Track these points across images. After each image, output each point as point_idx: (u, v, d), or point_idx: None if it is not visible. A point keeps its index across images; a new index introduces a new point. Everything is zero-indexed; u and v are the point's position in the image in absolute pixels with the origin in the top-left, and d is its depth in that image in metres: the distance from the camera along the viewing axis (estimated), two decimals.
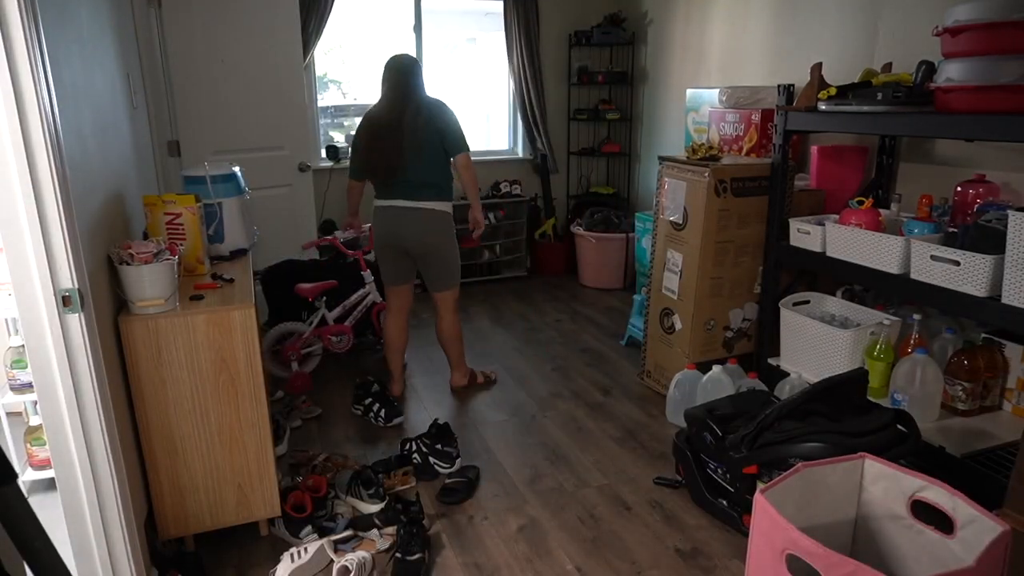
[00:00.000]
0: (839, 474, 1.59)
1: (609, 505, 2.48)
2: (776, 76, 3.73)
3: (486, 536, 2.32)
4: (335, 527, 2.31)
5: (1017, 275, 1.97)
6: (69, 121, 1.75)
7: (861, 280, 2.55)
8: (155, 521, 2.14)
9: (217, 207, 2.53)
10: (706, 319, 3.15)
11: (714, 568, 2.15)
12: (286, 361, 3.46)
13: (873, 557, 1.60)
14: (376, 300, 3.67)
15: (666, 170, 3.23)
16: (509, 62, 5.25)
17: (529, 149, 5.52)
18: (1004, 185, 2.54)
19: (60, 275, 1.59)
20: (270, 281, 3.69)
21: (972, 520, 1.40)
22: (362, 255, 3.64)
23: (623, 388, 3.46)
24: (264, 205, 3.85)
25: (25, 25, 1.44)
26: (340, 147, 4.94)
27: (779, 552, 1.36)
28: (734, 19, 4.13)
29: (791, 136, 2.85)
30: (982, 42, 2.07)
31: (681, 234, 3.14)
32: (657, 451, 2.84)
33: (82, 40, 2.03)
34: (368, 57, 5.67)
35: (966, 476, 2.13)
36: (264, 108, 3.93)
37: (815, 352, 2.73)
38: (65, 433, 1.69)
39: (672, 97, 4.86)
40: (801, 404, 2.17)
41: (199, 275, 2.35)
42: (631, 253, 4.92)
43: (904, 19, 3.00)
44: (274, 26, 3.86)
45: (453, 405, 3.28)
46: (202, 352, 2.03)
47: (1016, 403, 2.44)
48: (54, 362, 1.63)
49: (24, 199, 1.52)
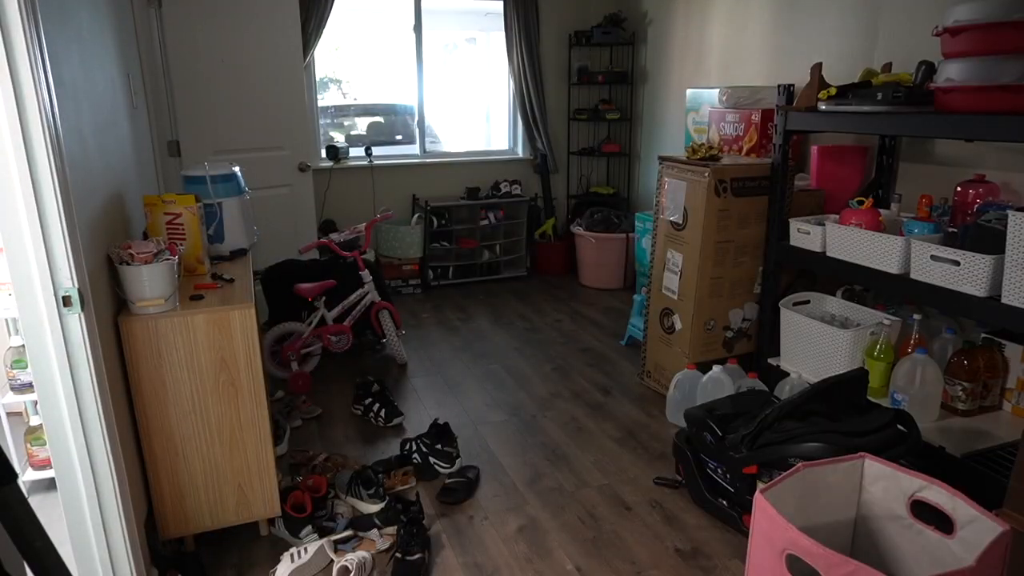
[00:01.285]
0: (839, 474, 1.59)
1: (609, 505, 2.48)
2: (776, 76, 3.73)
3: (486, 536, 2.32)
4: (335, 527, 2.31)
5: (1017, 275, 1.97)
6: (69, 120, 1.74)
7: (861, 280, 2.55)
8: (155, 521, 2.14)
9: (217, 207, 2.53)
10: (706, 319, 3.15)
11: (714, 568, 2.15)
12: (286, 361, 3.46)
13: (873, 557, 1.60)
14: (375, 300, 3.67)
15: (666, 170, 3.23)
16: (509, 62, 5.25)
17: (529, 149, 5.52)
18: (1004, 185, 2.54)
19: (60, 275, 1.59)
20: (270, 281, 3.69)
21: (972, 520, 1.40)
22: (360, 255, 3.64)
23: (623, 388, 3.46)
24: (264, 205, 3.85)
25: (25, 25, 1.44)
26: (340, 147, 4.94)
27: (779, 552, 1.36)
28: (734, 19, 4.13)
29: (791, 136, 2.85)
30: (982, 42, 2.07)
31: (681, 234, 3.13)
32: (657, 451, 2.84)
33: (82, 39, 2.02)
34: (368, 57, 5.68)
35: (966, 476, 2.13)
36: (264, 108, 3.93)
37: (815, 352, 2.73)
38: (65, 433, 1.69)
39: (672, 97, 4.86)
40: (801, 404, 2.17)
41: (199, 275, 2.35)
42: (631, 253, 4.92)
43: (904, 19, 3.00)
44: (274, 26, 3.87)
45: (453, 405, 3.28)
46: (202, 352, 2.03)
47: (1016, 403, 2.44)
48: (54, 362, 1.63)
49: (24, 199, 1.52)
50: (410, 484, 2.61)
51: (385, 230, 4.93)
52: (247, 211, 2.66)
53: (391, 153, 5.42)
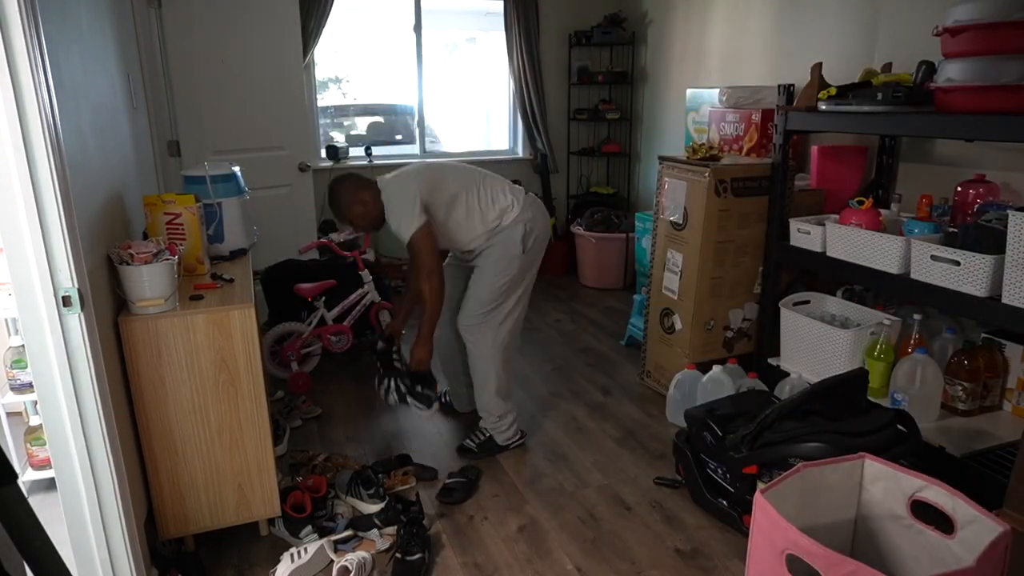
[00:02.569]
0: (839, 474, 1.59)
1: (609, 505, 2.48)
2: (776, 76, 3.72)
3: (486, 536, 2.32)
4: (335, 527, 2.31)
5: (1017, 275, 1.97)
6: (69, 121, 1.74)
7: (861, 280, 2.55)
8: (155, 521, 2.14)
9: (217, 207, 2.53)
10: (706, 319, 3.15)
11: (714, 568, 2.15)
12: (286, 361, 3.46)
13: (873, 557, 1.60)
14: (375, 299, 3.67)
15: (666, 170, 3.23)
16: (509, 62, 5.25)
17: (529, 149, 5.52)
18: (1004, 185, 2.53)
19: (60, 275, 1.59)
20: (270, 281, 3.69)
21: (972, 520, 1.40)
22: (360, 255, 3.64)
23: (623, 388, 3.46)
24: (264, 205, 3.84)
25: (25, 25, 1.44)
26: (340, 147, 4.94)
27: (779, 552, 1.36)
28: (734, 19, 4.13)
29: (791, 136, 2.85)
30: (982, 42, 2.07)
31: (681, 234, 3.13)
32: (657, 451, 2.84)
33: (82, 40, 2.02)
34: (368, 57, 5.68)
35: (966, 476, 2.13)
36: (264, 108, 3.93)
37: (815, 352, 2.73)
38: (65, 433, 1.69)
39: (672, 97, 4.86)
40: (801, 404, 2.17)
41: (199, 275, 2.35)
42: (631, 253, 4.91)
43: (904, 19, 3.00)
44: (274, 26, 3.86)
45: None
46: (202, 352, 2.03)
47: (1016, 403, 2.44)
48: (54, 362, 1.63)
49: (24, 199, 1.51)
50: (410, 484, 2.61)
51: (385, 230, 4.91)
52: (247, 211, 2.66)
53: (391, 153, 5.42)
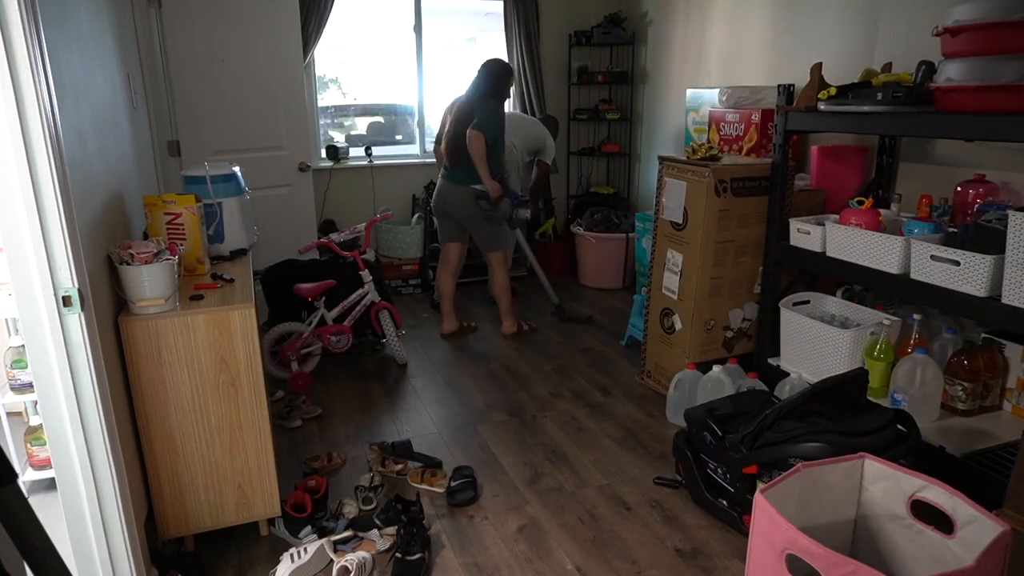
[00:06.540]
0: (839, 474, 1.59)
1: (609, 505, 2.48)
2: (776, 76, 3.73)
3: (486, 536, 2.32)
4: (335, 527, 2.31)
5: (1017, 275, 1.97)
6: (69, 121, 1.74)
7: (861, 280, 2.55)
8: (155, 521, 2.14)
9: (217, 207, 2.53)
10: (706, 319, 3.15)
11: (714, 568, 2.15)
12: (286, 361, 3.46)
13: (873, 557, 1.60)
14: (375, 299, 3.67)
15: (666, 170, 3.23)
16: (509, 62, 5.24)
17: None
18: (1004, 185, 2.54)
19: (60, 275, 1.59)
20: (270, 281, 3.69)
21: (972, 520, 1.40)
22: (360, 255, 3.64)
23: (623, 388, 3.46)
24: (264, 205, 3.84)
25: (25, 25, 1.44)
26: (340, 147, 4.94)
27: (779, 552, 1.36)
28: (734, 19, 4.13)
29: (791, 136, 2.85)
30: (982, 42, 2.07)
31: (681, 234, 3.13)
32: (657, 451, 2.84)
33: (82, 40, 2.02)
34: (368, 57, 5.67)
35: (966, 476, 2.13)
36: (264, 108, 3.93)
37: (815, 352, 2.73)
38: (65, 433, 1.69)
39: (672, 97, 4.86)
40: (801, 404, 2.17)
41: (199, 275, 2.35)
42: (631, 253, 4.92)
43: (904, 19, 3.00)
44: (274, 26, 3.86)
45: (453, 405, 3.28)
46: (202, 352, 2.03)
47: (1016, 403, 2.44)
48: (54, 362, 1.63)
49: (24, 199, 1.51)
50: (439, 487, 2.60)
51: (385, 230, 4.93)
52: (247, 211, 2.66)
53: (391, 153, 5.42)
